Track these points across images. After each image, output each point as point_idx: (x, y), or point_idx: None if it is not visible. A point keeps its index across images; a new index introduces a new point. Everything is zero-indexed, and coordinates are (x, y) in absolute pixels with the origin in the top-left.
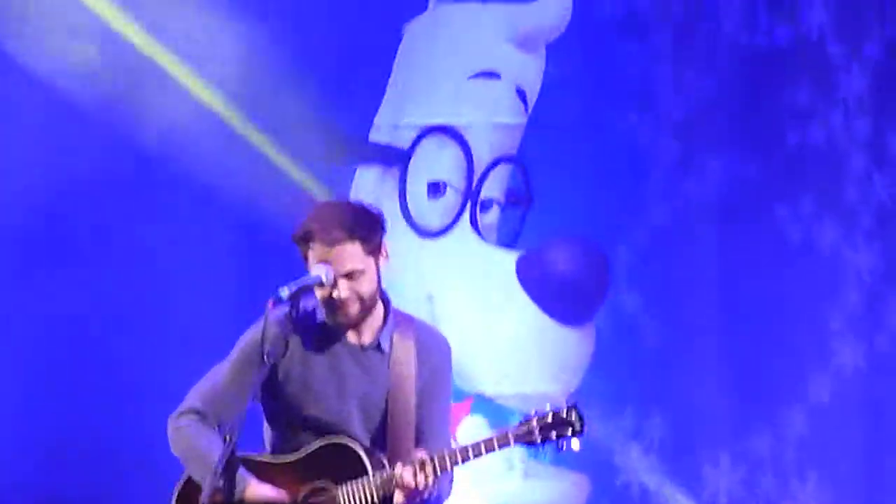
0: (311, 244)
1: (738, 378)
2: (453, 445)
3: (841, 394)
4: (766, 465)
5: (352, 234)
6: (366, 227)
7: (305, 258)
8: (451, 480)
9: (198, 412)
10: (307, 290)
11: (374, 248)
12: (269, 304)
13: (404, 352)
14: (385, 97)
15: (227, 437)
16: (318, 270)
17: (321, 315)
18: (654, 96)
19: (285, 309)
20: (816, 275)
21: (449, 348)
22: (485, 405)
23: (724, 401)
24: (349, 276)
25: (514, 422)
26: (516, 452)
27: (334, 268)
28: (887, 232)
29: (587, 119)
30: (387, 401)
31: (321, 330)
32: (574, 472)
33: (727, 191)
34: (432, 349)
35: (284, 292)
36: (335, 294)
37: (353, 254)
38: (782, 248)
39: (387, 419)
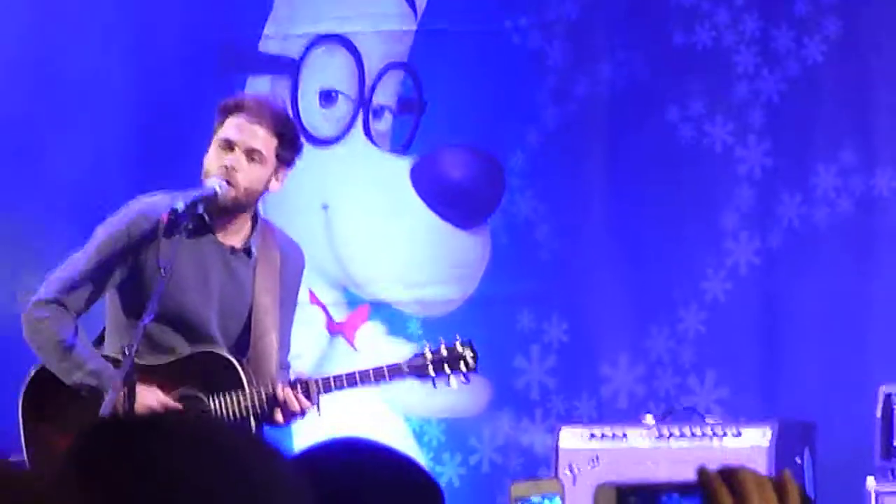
0: (235, 115)
1: (635, 279)
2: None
3: (736, 291)
4: (665, 363)
5: (277, 128)
6: (291, 134)
7: (214, 133)
8: None
9: (55, 303)
10: (201, 202)
11: (283, 156)
12: (164, 217)
13: (269, 259)
14: (273, 7)
15: (127, 351)
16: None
17: (198, 209)
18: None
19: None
20: (708, 174)
21: (303, 257)
22: (382, 311)
23: (621, 301)
24: (250, 154)
25: (409, 352)
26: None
27: (243, 139)
28: (777, 128)
29: (477, 23)
30: (250, 308)
31: (194, 225)
32: (475, 376)
33: (618, 93)
34: (292, 258)
35: (180, 205)
36: (228, 161)
37: (266, 142)
38: (674, 149)
39: (248, 326)
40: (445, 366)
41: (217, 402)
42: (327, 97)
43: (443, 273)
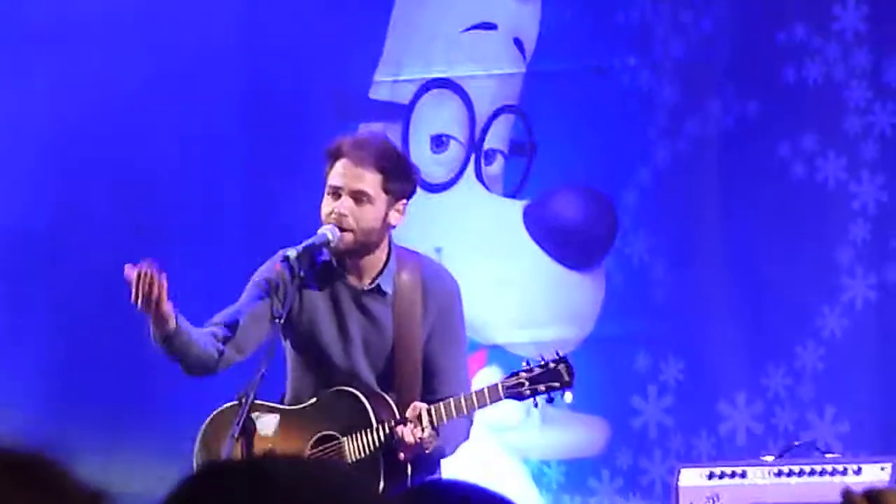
0: (338, 160)
1: (750, 316)
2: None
3: (852, 327)
4: (783, 400)
5: (378, 164)
6: (395, 167)
7: (326, 178)
8: (467, 428)
9: (225, 325)
10: (314, 249)
11: (393, 189)
12: (277, 266)
13: (409, 293)
14: (383, 54)
15: (243, 398)
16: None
17: (325, 255)
18: (652, 38)
19: (292, 267)
20: (822, 210)
21: (457, 286)
22: (500, 355)
23: (736, 339)
24: (356, 197)
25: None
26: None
27: (347, 184)
28: (890, 162)
29: (586, 64)
30: (392, 345)
31: (324, 271)
32: (592, 416)
33: (728, 130)
34: (439, 289)
35: (292, 253)
36: (336, 207)
37: (370, 181)
38: (786, 185)
39: (392, 363)
40: (540, 385)
41: (350, 440)
42: (438, 142)
43: (558, 315)
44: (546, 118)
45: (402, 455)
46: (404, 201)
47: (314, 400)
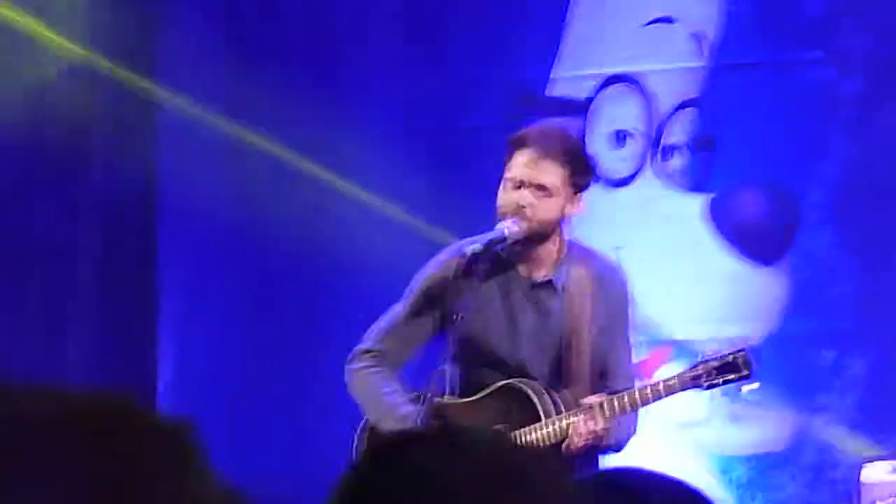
0: (521, 150)
1: None
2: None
3: None
4: None
5: (564, 158)
6: (579, 161)
7: (506, 164)
8: (636, 422)
9: (374, 353)
10: (494, 244)
11: (574, 184)
12: (455, 261)
13: (580, 287)
14: (561, 50)
15: (424, 396)
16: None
17: (496, 249)
18: (836, 31)
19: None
20: None
21: (626, 279)
22: (682, 352)
23: None
24: (538, 189)
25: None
26: (718, 395)
27: (530, 176)
28: None
29: (769, 58)
30: (562, 338)
31: (495, 263)
32: (778, 412)
33: None
34: (612, 286)
35: (475, 249)
36: (517, 198)
37: (554, 173)
38: None
39: (563, 356)
40: (718, 377)
41: (520, 438)
42: (618, 138)
43: (742, 311)
44: (728, 112)
45: (573, 448)
46: (583, 193)
47: (482, 394)
